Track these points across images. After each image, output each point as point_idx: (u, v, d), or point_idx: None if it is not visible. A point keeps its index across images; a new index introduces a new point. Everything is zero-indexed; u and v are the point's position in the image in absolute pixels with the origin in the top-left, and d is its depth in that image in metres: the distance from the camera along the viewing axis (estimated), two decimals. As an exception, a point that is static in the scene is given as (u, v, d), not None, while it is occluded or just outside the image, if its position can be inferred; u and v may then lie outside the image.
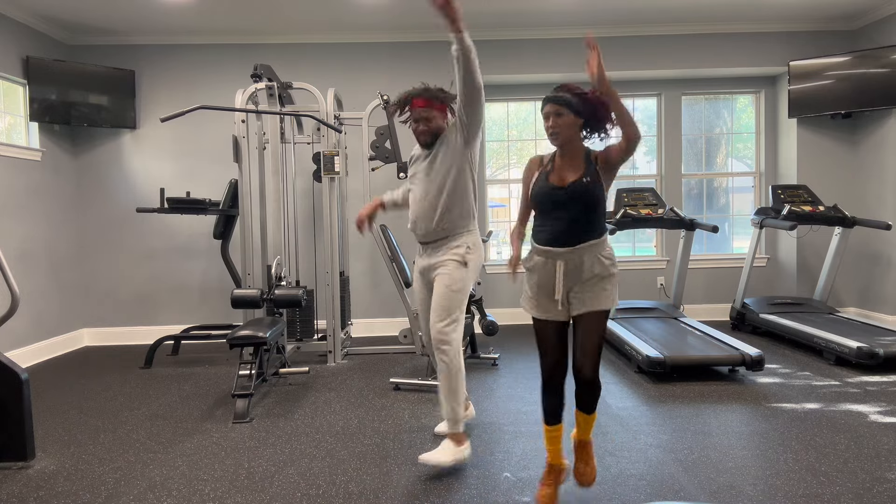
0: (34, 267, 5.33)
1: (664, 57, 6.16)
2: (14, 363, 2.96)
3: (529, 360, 4.90)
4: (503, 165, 6.70)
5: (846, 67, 5.79)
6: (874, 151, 5.96)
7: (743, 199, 6.74)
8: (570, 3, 5.41)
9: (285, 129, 5.22)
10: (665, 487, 2.61)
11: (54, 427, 3.57)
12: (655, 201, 5.68)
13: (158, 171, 6.02)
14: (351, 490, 2.66)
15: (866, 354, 4.25)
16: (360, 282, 6.14)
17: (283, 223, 4.99)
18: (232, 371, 4.78)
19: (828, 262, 5.66)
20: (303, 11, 5.42)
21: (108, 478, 2.85)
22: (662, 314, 5.63)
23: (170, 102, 6.01)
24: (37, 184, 5.40)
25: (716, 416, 3.47)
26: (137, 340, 6.05)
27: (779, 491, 2.56)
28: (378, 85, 6.09)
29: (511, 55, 6.14)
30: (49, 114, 5.43)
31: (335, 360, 4.96)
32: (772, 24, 6.13)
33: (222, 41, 6.01)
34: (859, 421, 3.34)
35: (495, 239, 6.77)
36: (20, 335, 5.13)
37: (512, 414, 3.61)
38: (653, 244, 6.70)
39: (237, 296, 4.15)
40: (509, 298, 6.49)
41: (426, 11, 5.52)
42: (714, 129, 6.69)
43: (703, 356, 4.20)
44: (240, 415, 3.60)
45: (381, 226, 4.95)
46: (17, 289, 3.06)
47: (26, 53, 5.34)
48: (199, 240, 6.05)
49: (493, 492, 2.61)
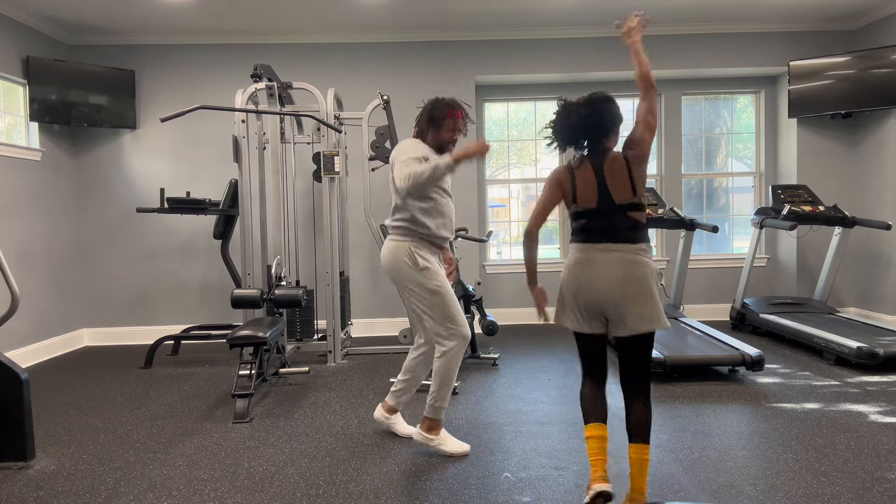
0: (34, 267, 5.33)
1: (664, 57, 6.16)
2: (14, 363, 2.96)
3: (529, 361, 4.90)
4: (503, 165, 6.70)
5: (846, 67, 5.79)
6: (874, 151, 5.96)
7: (743, 199, 6.74)
8: (569, 3, 5.41)
9: (285, 129, 5.22)
10: (665, 487, 2.61)
11: (54, 427, 3.57)
12: (655, 201, 5.68)
13: (158, 171, 6.02)
14: (351, 490, 2.66)
15: (866, 354, 4.25)
16: (360, 282, 6.14)
17: (283, 223, 5.00)
18: (232, 371, 4.78)
19: (828, 262, 5.65)
20: (303, 11, 5.42)
21: (108, 478, 2.85)
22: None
23: (170, 102, 6.01)
24: (37, 184, 5.40)
25: (716, 416, 3.47)
26: (137, 340, 6.05)
27: (779, 491, 2.56)
28: (378, 85, 6.09)
29: (511, 55, 6.13)
30: (49, 114, 5.43)
31: (335, 360, 4.96)
32: (772, 24, 6.13)
33: (222, 41, 6.01)
34: (859, 421, 3.34)
35: (495, 238, 6.77)
36: (20, 335, 5.13)
37: (512, 414, 3.61)
38: (653, 244, 6.71)
39: (237, 296, 4.15)
40: (509, 298, 6.49)
41: (426, 11, 5.52)
42: (714, 129, 6.69)
43: (703, 356, 4.20)
44: (240, 415, 3.60)
45: (381, 226, 4.95)
46: (17, 289, 3.06)
47: (26, 53, 5.34)
48: (199, 240, 6.05)
49: (493, 492, 2.61)
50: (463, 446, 3.03)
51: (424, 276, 2.93)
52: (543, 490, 2.62)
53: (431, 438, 3.02)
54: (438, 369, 2.98)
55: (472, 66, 6.12)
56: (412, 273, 2.94)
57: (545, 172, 6.66)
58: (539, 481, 2.70)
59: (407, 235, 2.98)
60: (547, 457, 2.96)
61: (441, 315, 2.94)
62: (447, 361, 2.96)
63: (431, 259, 2.99)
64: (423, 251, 2.97)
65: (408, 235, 2.98)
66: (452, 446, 3.01)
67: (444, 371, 2.97)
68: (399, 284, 3.01)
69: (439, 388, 2.99)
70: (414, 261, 2.93)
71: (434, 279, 2.93)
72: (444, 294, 2.94)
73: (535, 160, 6.67)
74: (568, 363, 4.79)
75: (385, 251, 3.02)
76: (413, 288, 2.95)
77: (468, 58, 6.12)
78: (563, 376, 4.41)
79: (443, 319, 2.94)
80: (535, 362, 4.84)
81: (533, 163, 6.68)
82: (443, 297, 2.94)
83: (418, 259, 2.94)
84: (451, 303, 2.96)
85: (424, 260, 2.95)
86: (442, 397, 2.99)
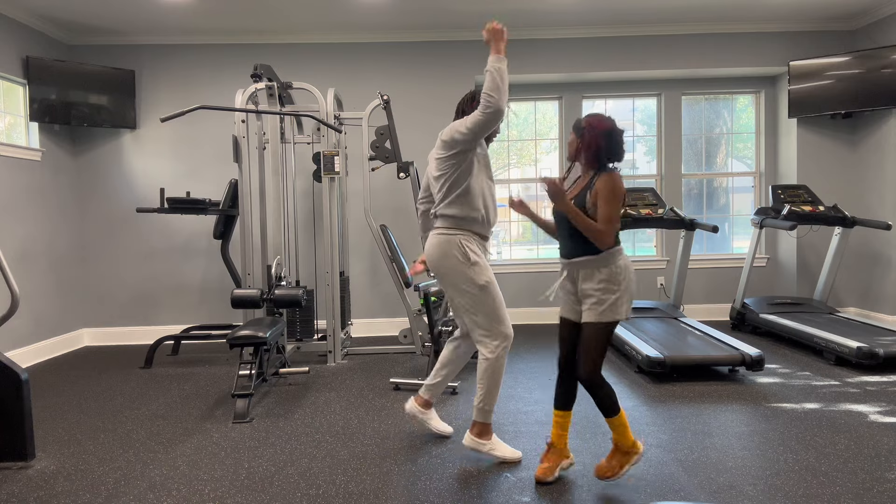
0: (34, 267, 5.33)
1: (664, 57, 6.16)
2: (14, 363, 2.96)
3: (529, 361, 4.90)
4: (503, 165, 6.70)
5: (846, 67, 5.79)
6: (874, 151, 5.96)
7: (743, 199, 6.74)
8: (570, 3, 5.42)
9: (285, 129, 5.22)
10: (665, 487, 2.61)
11: (54, 427, 3.57)
12: (655, 201, 5.68)
13: (158, 171, 6.02)
14: (351, 490, 2.66)
15: (866, 354, 4.25)
16: (360, 282, 6.14)
17: (283, 223, 5.00)
18: (232, 371, 4.79)
19: (828, 262, 5.65)
20: (303, 11, 5.42)
21: (108, 478, 2.85)
22: (662, 314, 5.63)
23: (170, 102, 6.01)
24: (37, 184, 5.40)
25: (716, 416, 3.47)
26: (137, 340, 6.05)
27: (779, 491, 2.56)
28: (378, 85, 6.09)
29: (511, 55, 6.13)
30: (49, 114, 5.43)
31: (335, 360, 4.96)
32: (772, 24, 6.13)
33: (222, 41, 6.01)
34: (859, 421, 3.34)
35: (495, 238, 6.77)
36: (20, 335, 5.13)
37: (512, 414, 3.61)
38: (653, 244, 6.70)
39: (237, 296, 4.15)
40: (509, 299, 6.49)
41: (426, 11, 5.52)
42: (714, 129, 6.69)
43: (703, 356, 4.20)
44: (240, 415, 3.60)
45: (381, 226, 4.95)
46: (17, 289, 3.06)
47: (26, 53, 5.34)
48: (199, 240, 6.05)
49: (493, 492, 2.61)
50: (515, 452, 2.95)
51: (474, 272, 2.86)
52: (543, 490, 2.62)
53: (483, 443, 2.93)
54: (485, 371, 2.89)
55: (472, 66, 6.12)
56: (462, 268, 2.86)
57: (545, 172, 6.66)
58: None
59: (456, 228, 2.91)
60: (547, 457, 2.96)
61: (487, 312, 2.87)
62: (494, 363, 2.87)
63: (481, 253, 2.93)
64: (473, 244, 2.90)
65: (457, 228, 2.91)
66: (504, 451, 2.94)
67: (491, 372, 2.88)
68: (445, 280, 2.92)
69: (487, 390, 2.89)
70: (465, 254, 2.86)
71: (484, 274, 2.87)
72: (493, 291, 2.87)
73: (535, 160, 6.67)
74: (568, 363, 4.78)
75: (431, 245, 2.94)
76: (461, 284, 2.87)
77: (468, 58, 6.12)
78: (563, 376, 4.41)
79: (489, 317, 2.87)
80: (535, 362, 4.84)
81: (533, 163, 6.68)
82: (491, 294, 2.87)
83: (469, 253, 2.86)
84: (499, 300, 2.89)
85: (475, 254, 2.88)
86: (489, 400, 2.91)
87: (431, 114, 6.08)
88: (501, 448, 2.94)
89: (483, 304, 2.86)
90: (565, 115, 6.49)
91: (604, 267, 2.55)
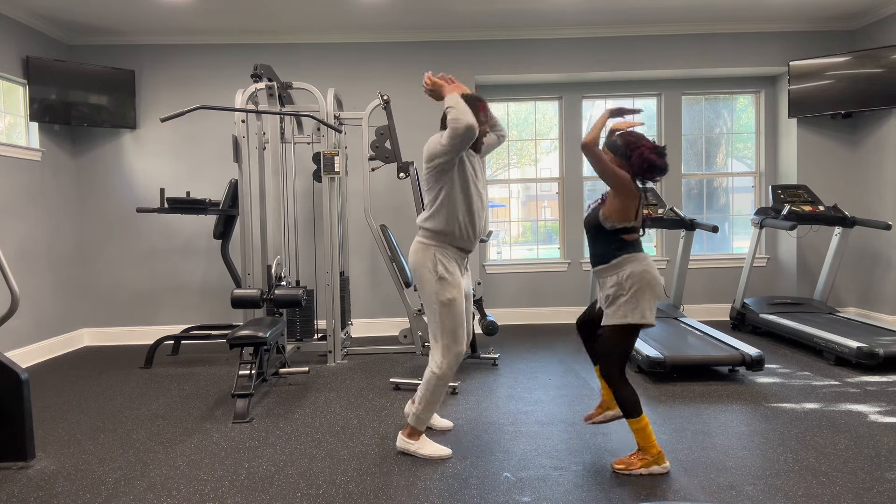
0: (34, 267, 5.33)
1: (664, 57, 6.16)
2: (14, 363, 2.96)
3: (529, 360, 4.90)
4: (503, 165, 6.70)
5: (846, 67, 5.79)
6: (874, 151, 5.96)
7: (743, 199, 6.75)
8: (569, 3, 5.41)
9: (285, 129, 5.22)
10: (665, 487, 2.61)
11: (54, 427, 3.57)
12: (655, 201, 5.68)
13: (158, 171, 6.02)
14: (351, 490, 2.66)
15: (866, 354, 4.25)
16: (360, 282, 6.14)
17: (283, 223, 5.00)
18: (232, 371, 4.78)
19: (828, 262, 5.65)
20: (303, 11, 5.42)
21: (108, 478, 2.85)
22: (662, 314, 5.63)
23: (170, 102, 6.01)
24: (37, 184, 5.40)
25: (716, 416, 3.47)
26: (137, 340, 6.05)
27: (779, 491, 2.56)
28: (378, 85, 6.09)
29: (511, 55, 6.14)
30: (49, 114, 5.43)
31: (335, 360, 4.96)
32: (772, 24, 6.13)
33: (222, 41, 6.01)
34: (859, 421, 3.34)
35: (495, 239, 6.77)
36: (20, 335, 5.13)
37: (512, 414, 3.61)
38: (653, 244, 6.70)
39: (237, 296, 4.15)
40: (509, 298, 6.49)
41: (426, 11, 5.52)
42: (714, 129, 6.69)
43: (703, 356, 4.20)
44: (240, 415, 3.60)
45: (381, 226, 4.95)
46: (17, 289, 3.06)
47: (26, 53, 5.34)
48: (199, 240, 6.05)
49: (493, 492, 2.61)
50: (444, 450, 3.00)
51: (440, 287, 2.88)
52: (543, 490, 2.62)
53: (411, 443, 3.01)
54: (428, 383, 2.94)
55: (472, 66, 6.12)
56: (430, 280, 2.89)
57: (545, 173, 6.66)
58: (539, 481, 2.70)
59: (433, 241, 2.93)
60: (547, 457, 2.97)
61: (444, 329, 2.89)
62: (439, 379, 2.92)
63: (454, 269, 2.93)
64: (448, 259, 2.91)
65: (434, 241, 2.93)
66: (431, 450, 3.00)
67: (433, 387, 2.93)
68: (419, 287, 2.98)
69: (426, 404, 2.97)
70: (435, 269, 2.89)
71: (448, 292, 2.87)
72: (454, 310, 2.88)
73: (535, 160, 6.67)
74: (567, 363, 4.79)
75: (411, 252, 2.99)
76: (427, 295, 2.91)
77: (468, 58, 6.12)
78: (563, 376, 4.41)
79: (444, 333, 2.90)
80: (535, 362, 4.84)
81: (533, 163, 6.68)
82: (452, 312, 2.88)
83: (439, 268, 2.88)
84: (458, 320, 2.90)
85: (445, 270, 2.89)
86: (426, 413, 2.99)
87: (431, 114, 6.08)
88: (429, 447, 3.01)
89: (443, 320, 2.89)
90: (565, 115, 6.49)
91: (612, 274, 2.77)
